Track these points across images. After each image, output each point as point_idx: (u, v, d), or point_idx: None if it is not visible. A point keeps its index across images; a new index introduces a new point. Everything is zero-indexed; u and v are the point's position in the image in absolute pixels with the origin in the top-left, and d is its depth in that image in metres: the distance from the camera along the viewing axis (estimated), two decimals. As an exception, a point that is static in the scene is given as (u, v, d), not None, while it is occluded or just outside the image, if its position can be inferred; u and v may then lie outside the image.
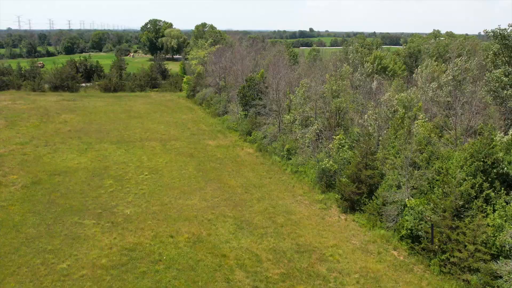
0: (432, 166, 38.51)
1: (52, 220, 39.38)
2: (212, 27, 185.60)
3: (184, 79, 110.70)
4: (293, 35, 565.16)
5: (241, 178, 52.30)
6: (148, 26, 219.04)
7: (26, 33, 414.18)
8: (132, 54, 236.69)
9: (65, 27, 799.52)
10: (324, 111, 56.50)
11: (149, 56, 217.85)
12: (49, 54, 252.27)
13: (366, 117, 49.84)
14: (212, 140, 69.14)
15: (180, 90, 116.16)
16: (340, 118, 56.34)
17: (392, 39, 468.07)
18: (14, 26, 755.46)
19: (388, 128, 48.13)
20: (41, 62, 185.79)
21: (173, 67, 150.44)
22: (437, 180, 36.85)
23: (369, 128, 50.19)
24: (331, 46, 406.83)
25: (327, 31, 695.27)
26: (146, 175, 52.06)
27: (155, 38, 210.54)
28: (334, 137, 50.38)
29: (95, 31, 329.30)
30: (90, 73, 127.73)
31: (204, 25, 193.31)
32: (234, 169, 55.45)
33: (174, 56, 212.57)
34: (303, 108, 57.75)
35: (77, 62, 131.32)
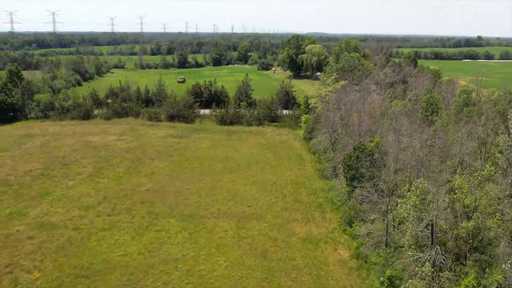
0: None
1: None
2: (355, 47, 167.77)
3: (303, 118, 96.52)
4: (457, 43, 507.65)
5: (310, 321, 36.70)
6: (291, 41, 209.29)
7: (189, 39, 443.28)
8: (273, 69, 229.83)
9: (229, 31, 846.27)
10: (448, 232, 37.74)
11: (288, 72, 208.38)
12: (198, 65, 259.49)
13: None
14: (303, 225, 53.97)
15: (300, 127, 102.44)
16: (475, 244, 36.99)
17: None
18: (183, 30, 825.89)
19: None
20: (182, 77, 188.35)
21: (310, 88, 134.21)
22: None
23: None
24: (500, 59, 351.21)
25: (498, 38, 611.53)
26: (186, 295, 39.68)
27: (296, 55, 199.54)
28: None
29: (243, 42, 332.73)
30: (212, 99, 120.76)
31: (347, 43, 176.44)
32: (308, 298, 39.95)
33: (314, 74, 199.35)
34: (417, 219, 39.46)
35: (202, 87, 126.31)
